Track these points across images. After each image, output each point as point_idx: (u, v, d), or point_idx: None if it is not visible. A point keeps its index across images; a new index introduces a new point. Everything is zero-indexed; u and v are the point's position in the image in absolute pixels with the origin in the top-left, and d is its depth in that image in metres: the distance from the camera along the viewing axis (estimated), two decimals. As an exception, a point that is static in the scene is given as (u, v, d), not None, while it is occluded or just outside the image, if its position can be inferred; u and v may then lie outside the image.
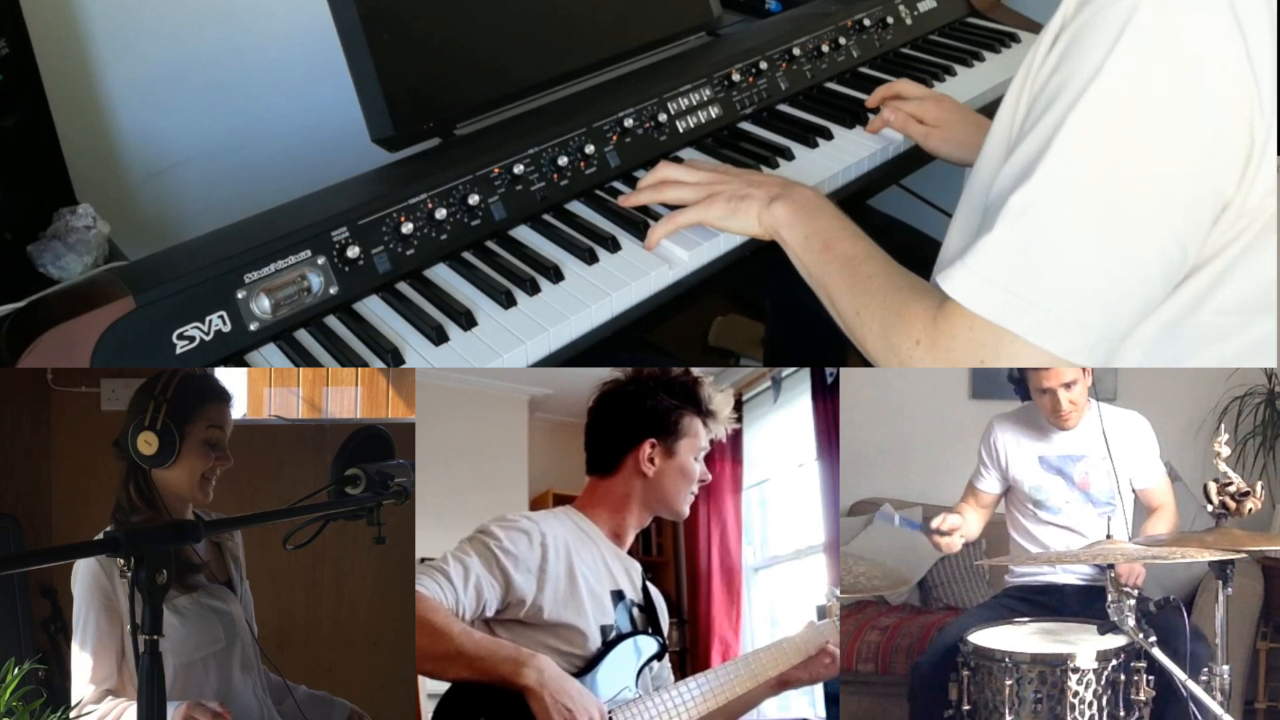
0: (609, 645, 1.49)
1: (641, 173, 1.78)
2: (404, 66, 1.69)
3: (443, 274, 1.60)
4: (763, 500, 2.88)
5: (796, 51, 2.10)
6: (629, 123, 1.84)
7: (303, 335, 1.49)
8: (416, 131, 1.73)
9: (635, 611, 1.57)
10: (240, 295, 1.44)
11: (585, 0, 1.94)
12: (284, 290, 1.47)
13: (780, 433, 2.76)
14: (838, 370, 2.45)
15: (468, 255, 1.63)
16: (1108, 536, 1.81)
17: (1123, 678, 1.82)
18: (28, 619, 2.14)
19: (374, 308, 1.54)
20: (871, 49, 2.24)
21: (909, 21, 2.32)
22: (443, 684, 1.41)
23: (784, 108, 2.05)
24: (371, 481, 1.50)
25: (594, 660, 1.47)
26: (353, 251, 1.52)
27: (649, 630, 1.57)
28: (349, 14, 1.66)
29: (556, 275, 1.59)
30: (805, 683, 1.59)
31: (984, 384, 3.04)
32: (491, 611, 1.44)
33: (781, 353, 2.57)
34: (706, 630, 2.96)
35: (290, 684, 1.75)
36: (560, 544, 1.50)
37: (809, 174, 1.86)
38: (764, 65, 2.05)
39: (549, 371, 1.97)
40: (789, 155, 1.90)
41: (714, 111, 1.96)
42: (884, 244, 1.50)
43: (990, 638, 1.93)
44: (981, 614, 2.12)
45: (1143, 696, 1.81)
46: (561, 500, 2.35)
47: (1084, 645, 1.85)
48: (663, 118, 1.88)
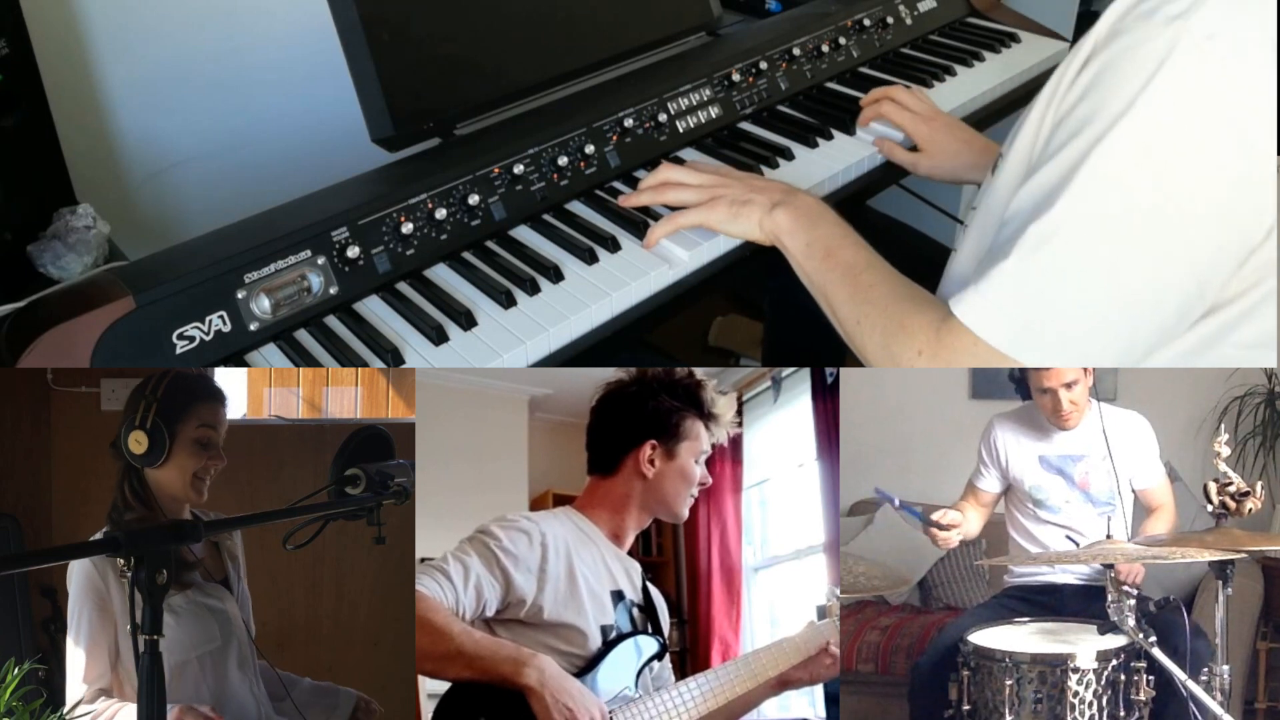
0: (609, 645, 1.49)
1: (641, 173, 1.78)
2: (404, 66, 1.69)
3: (443, 274, 1.60)
4: (763, 500, 2.88)
5: (796, 51, 2.10)
6: (629, 123, 1.83)
7: (303, 335, 1.49)
8: (416, 131, 1.73)
9: (635, 611, 1.57)
10: (240, 295, 1.44)
11: (585, 0, 1.94)
12: (284, 290, 1.47)
13: (780, 433, 2.76)
14: (837, 370, 2.45)
15: (468, 255, 1.63)
16: (1108, 536, 1.82)
17: (1123, 678, 1.82)
18: (28, 619, 2.14)
19: (374, 308, 1.54)
20: (871, 49, 2.24)
21: (909, 21, 2.32)
22: (443, 684, 1.41)
23: (784, 108, 2.05)
24: (371, 481, 1.50)
25: (594, 660, 1.47)
26: (353, 251, 1.52)
27: (649, 630, 1.57)
28: (349, 14, 1.66)
29: (556, 275, 1.59)
30: (805, 683, 1.59)
31: (984, 384, 3.04)
32: (492, 611, 1.44)
33: (781, 353, 2.57)
34: (706, 630, 2.96)
35: (295, 676, 1.75)
36: (560, 544, 1.50)
37: (809, 174, 1.86)
38: (764, 65, 2.05)
39: (549, 371, 1.97)
40: (789, 155, 1.90)
41: (714, 111, 1.96)
42: (884, 245, 1.49)
43: (990, 638, 1.93)
44: (981, 614, 2.12)
45: (1143, 696, 1.81)
46: (561, 500, 2.36)
47: (1084, 645, 1.86)
48: (663, 118, 1.88)
